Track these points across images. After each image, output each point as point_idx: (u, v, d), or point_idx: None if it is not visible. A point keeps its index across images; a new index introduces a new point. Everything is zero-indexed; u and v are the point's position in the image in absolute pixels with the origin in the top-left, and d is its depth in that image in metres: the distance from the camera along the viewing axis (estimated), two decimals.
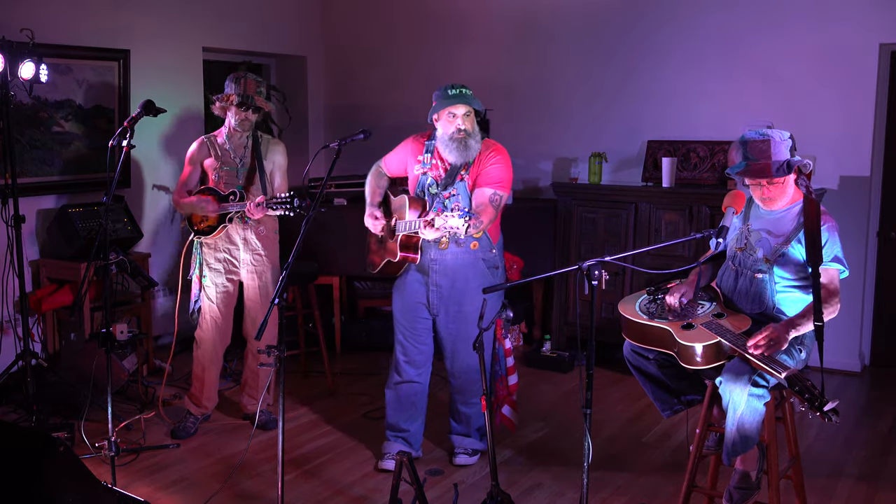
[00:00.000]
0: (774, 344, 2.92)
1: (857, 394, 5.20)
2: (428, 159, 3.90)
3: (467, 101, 3.76)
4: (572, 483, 3.89)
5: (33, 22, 4.59)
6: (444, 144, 3.80)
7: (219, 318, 4.43)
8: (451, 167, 3.85)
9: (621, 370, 5.03)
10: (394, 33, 6.89)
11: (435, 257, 3.88)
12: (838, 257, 3.12)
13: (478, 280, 3.88)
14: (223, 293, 4.42)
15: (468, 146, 3.77)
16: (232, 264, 4.41)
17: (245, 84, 4.28)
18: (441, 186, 3.85)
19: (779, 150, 3.11)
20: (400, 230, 3.85)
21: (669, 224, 5.44)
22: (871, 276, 5.56)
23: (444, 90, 3.79)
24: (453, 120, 3.76)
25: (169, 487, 3.84)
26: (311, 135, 7.14)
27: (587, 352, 2.86)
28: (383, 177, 4.10)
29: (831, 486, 3.88)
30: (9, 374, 4.61)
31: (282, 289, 3.04)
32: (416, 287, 3.95)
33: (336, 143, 3.52)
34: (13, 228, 4.42)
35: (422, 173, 3.91)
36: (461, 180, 3.83)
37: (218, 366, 4.53)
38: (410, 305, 3.98)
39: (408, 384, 4.06)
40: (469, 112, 3.78)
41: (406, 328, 4.02)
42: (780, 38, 5.46)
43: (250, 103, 4.27)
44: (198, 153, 4.42)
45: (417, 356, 4.04)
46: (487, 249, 3.92)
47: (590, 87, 6.14)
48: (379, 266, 4.04)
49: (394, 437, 4.10)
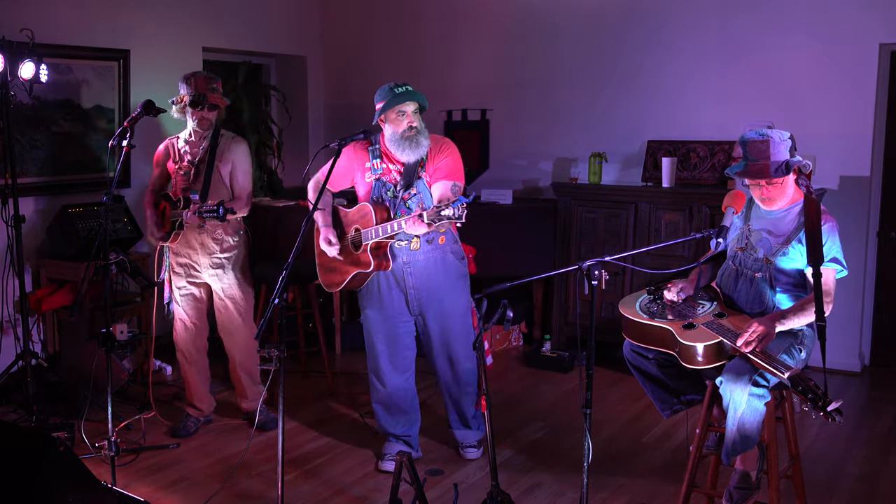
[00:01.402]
0: (764, 338, 2.94)
1: (857, 394, 5.20)
2: (377, 164, 3.84)
3: (416, 98, 3.73)
4: (572, 483, 3.89)
5: (33, 22, 4.59)
6: (395, 144, 3.75)
7: (187, 321, 4.41)
8: (405, 168, 3.80)
9: (621, 370, 5.02)
10: (394, 33, 6.89)
11: (408, 260, 3.84)
12: (837, 258, 3.13)
13: (451, 273, 3.91)
14: (188, 297, 4.39)
15: (420, 143, 3.75)
16: (193, 268, 4.34)
17: (196, 82, 4.20)
18: (400, 188, 3.80)
19: (778, 150, 3.11)
20: (368, 239, 3.75)
21: (669, 224, 5.44)
22: (871, 276, 5.56)
23: (389, 89, 3.73)
24: (403, 118, 3.72)
25: (169, 487, 3.84)
26: (311, 135, 7.14)
27: (587, 352, 2.86)
28: (327, 193, 3.99)
29: (831, 486, 3.88)
30: (9, 374, 4.61)
31: (282, 289, 3.04)
32: (392, 294, 3.91)
33: (336, 143, 3.52)
34: (13, 228, 4.42)
35: (375, 179, 3.85)
36: (419, 178, 3.81)
37: (199, 368, 4.49)
38: (389, 314, 3.94)
39: (395, 392, 4.03)
40: (417, 109, 3.76)
41: (388, 337, 3.98)
42: (781, 37, 5.46)
43: (203, 101, 4.19)
44: (162, 156, 4.40)
45: (402, 361, 4.02)
46: (452, 242, 3.94)
47: (590, 87, 6.14)
48: (343, 283, 3.92)
49: (394, 439, 4.10)
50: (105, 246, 3.61)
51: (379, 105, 3.77)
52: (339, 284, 3.95)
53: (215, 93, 4.24)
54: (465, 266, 4.01)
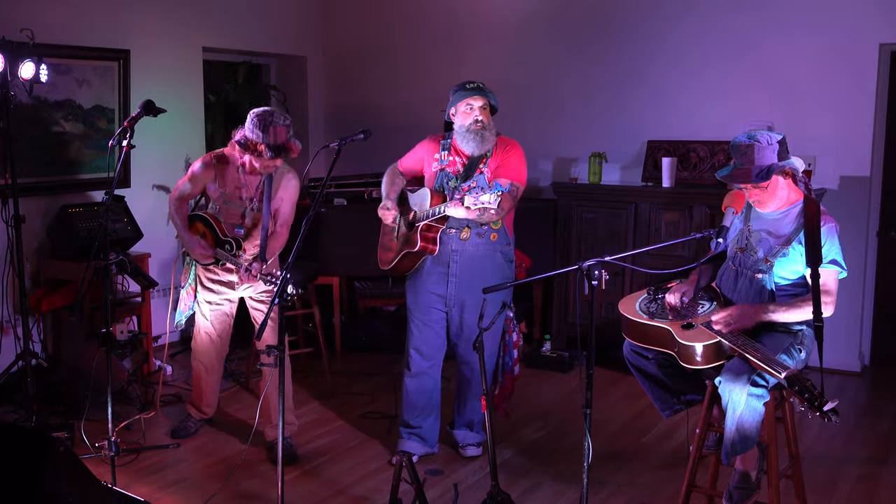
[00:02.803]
0: (736, 321, 2.99)
1: (856, 394, 5.20)
2: (445, 156, 3.99)
3: (484, 94, 3.88)
4: (572, 483, 3.89)
5: (33, 22, 4.59)
6: (461, 136, 3.90)
7: (213, 334, 4.34)
8: (469, 160, 3.93)
9: (621, 370, 5.02)
10: (394, 33, 6.89)
11: (456, 248, 3.92)
12: (836, 260, 3.13)
13: (496, 271, 3.96)
14: (217, 312, 4.29)
15: (484, 137, 3.87)
16: (228, 286, 4.23)
17: (275, 133, 3.87)
18: (460, 179, 3.91)
19: (762, 154, 3.12)
20: (420, 220, 3.88)
21: (669, 224, 5.44)
22: (871, 276, 5.56)
23: (461, 85, 3.92)
24: (471, 112, 3.87)
25: (169, 487, 3.84)
26: (311, 135, 7.14)
27: (587, 352, 2.86)
28: (399, 175, 4.14)
29: (831, 486, 3.88)
30: (9, 374, 4.61)
31: (282, 289, 3.04)
32: (433, 279, 3.99)
33: (336, 143, 3.51)
34: (13, 228, 4.42)
35: (439, 169, 3.98)
36: (480, 173, 3.90)
37: (215, 374, 4.45)
38: (425, 297, 4.02)
39: (419, 377, 4.08)
40: (486, 105, 3.89)
41: (420, 319, 4.05)
42: (781, 37, 5.46)
43: (283, 154, 3.92)
44: (202, 174, 4.13)
45: (429, 347, 4.07)
46: (505, 243, 4.00)
47: (590, 87, 6.14)
48: (392, 262, 4.03)
49: (408, 435, 4.11)
50: (105, 246, 3.60)
51: (451, 99, 3.93)
52: (388, 263, 4.06)
53: (291, 140, 3.95)
54: (512, 270, 4.06)
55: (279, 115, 3.95)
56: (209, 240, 4.11)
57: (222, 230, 4.11)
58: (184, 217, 4.17)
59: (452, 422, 4.26)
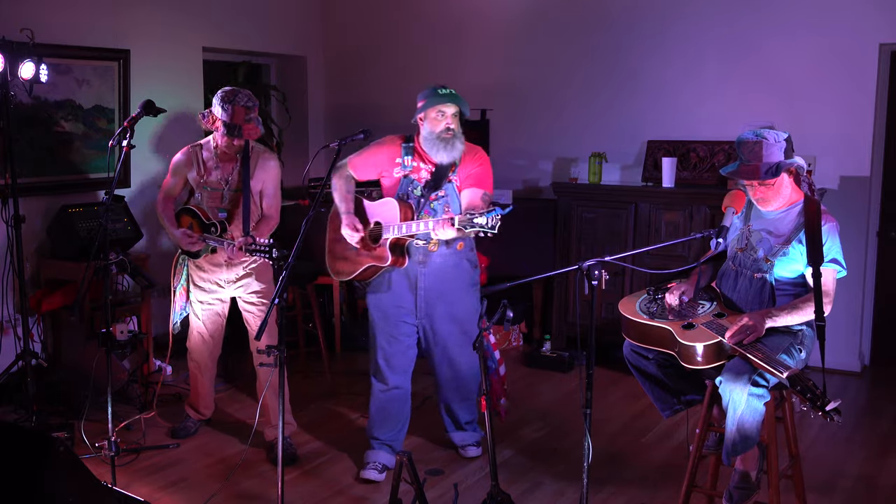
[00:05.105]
0: (751, 332, 2.95)
1: (857, 394, 5.20)
2: (408, 161, 3.83)
3: (457, 102, 3.75)
4: (572, 483, 3.89)
5: (33, 22, 4.58)
6: (430, 143, 3.75)
7: (205, 334, 4.34)
8: (437, 169, 3.80)
9: (621, 370, 5.02)
10: (394, 33, 6.89)
11: (423, 260, 3.81)
12: (836, 259, 3.13)
13: (464, 279, 3.90)
14: (209, 311, 4.30)
15: (454, 146, 3.74)
16: (217, 284, 4.24)
17: (233, 112, 3.96)
18: (428, 188, 3.79)
19: (771, 151, 3.12)
20: (389, 234, 3.72)
21: (669, 224, 5.45)
22: (871, 276, 5.56)
23: (432, 89, 3.77)
24: (442, 118, 3.73)
25: (169, 487, 3.84)
26: (311, 135, 7.14)
27: (587, 352, 2.86)
28: (352, 181, 3.94)
29: (831, 486, 3.88)
30: (9, 374, 4.61)
31: (282, 289, 3.04)
32: (401, 291, 3.87)
33: (336, 143, 3.52)
34: (13, 228, 4.41)
35: (403, 176, 3.83)
36: (449, 182, 3.80)
37: (210, 375, 4.45)
38: (394, 310, 3.89)
39: (392, 392, 3.97)
40: (457, 113, 3.77)
41: (389, 332, 3.92)
42: (781, 38, 5.46)
43: (236, 133, 3.99)
44: (182, 165, 4.19)
45: (401, 361, 3.96)
46: (469, 248, 3.93)
47: (590, 87, 6.14)
48: (353, 274, 3.88)
49: (378, 446, 4.02)
50: (105, 246, 3.61)
51: (420, 103, 3.78)
52: (349, 274, 3.91)
53: (251, 122, 4.02)
54: (478, 275, 4.01)
55: (243, 96, 4.01)
56: (196, 229, 4.14)
57: (206, 215, 4.14)
58: (170, 215, 4.22)
59: (446, 428, 4.20)
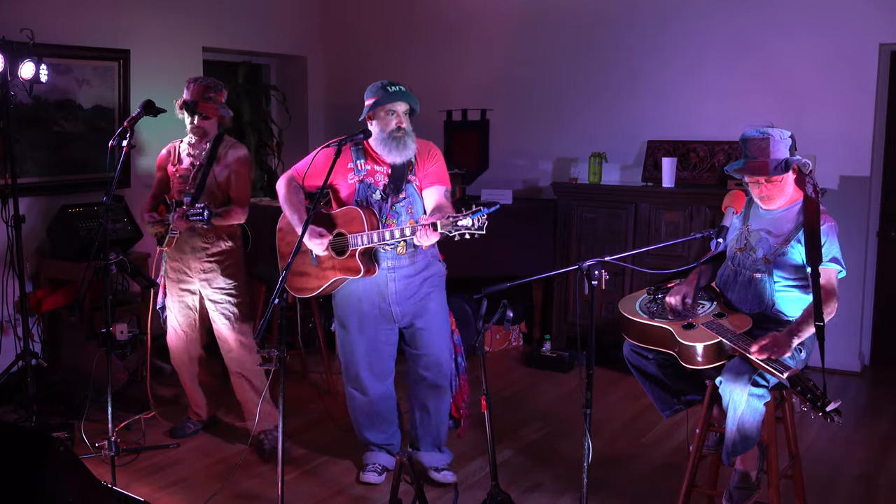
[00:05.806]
0: (778, 349, 2.92)
1: (857, 394, 5.20)
2: (361, 165, 3.67)
3: (407, 99, 3.61)
4: (572, 483, 3.89)
5: (33, 22, 4.58)
6: (381, 143, 3.61)
7: (178, 328, 4.31)
8: (394, 171, 3.65)
9: (621, 370, 5.02)
10: (394, 33, 6.89)
11: (393, 265, 3.66)
12: (836, 258, 3.13)
13: (434, 276, 3.78)
14: (179, 303, 4.27)
15: (407, 145, 3.60)
16: (184, 273, 4.21)
17: (193, 89, 4.07)
18: (389, 192, 3.65)
19: (778, 148, 3.12)
20: (357, 245, 3.55)
21: (669, 224, 5.44)
22: (871, 276, 5.56)
23: (381, 87, 3.61)
24: (393, 117, 3.59)
25: (169, 487, 3.84)
26: (311, 135, 7.14)
27: (587, 352, 2.86)
28: (300, 190, 3.76)
29: (831, 486, 3.88)
30: (9, 374, 4.61)
31: (281, 288, 3.03)
32: (372, 301, 3.72)
33: (336, 142, 3.52)
34: (13, 228, 4.42)
35: (359, 181, 3.67)
36: (409, 183, 3.66)
37: (191, 376, 4.39)
38: (369, 321, 3.75)
39: (377, 400, 3.88)
40: (408, 111, 3.63)
41: (368, 344, 3.79)
42: (781, 37, 5.46)
43: (193, 109, 4.03)
44: (164, 159, 4.28)
45: (384, 367, 3.86)
46: (433, 245, 3.71)
47: (590, 87, 6.14)
48: (319, 289, 3.74)
49: (376, 448, 3.98)
50: (105, 246, 3.60)
51: (369, 101, 3.64)
52: (313, 290, 3.78)
53: (209, 101, 4.06)
54: (444, 267, 3.87)
55: (207, 79, 4.15)
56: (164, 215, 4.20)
57: (172, 198, 4.19)
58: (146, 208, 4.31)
59: (414, 442, 3.94)
